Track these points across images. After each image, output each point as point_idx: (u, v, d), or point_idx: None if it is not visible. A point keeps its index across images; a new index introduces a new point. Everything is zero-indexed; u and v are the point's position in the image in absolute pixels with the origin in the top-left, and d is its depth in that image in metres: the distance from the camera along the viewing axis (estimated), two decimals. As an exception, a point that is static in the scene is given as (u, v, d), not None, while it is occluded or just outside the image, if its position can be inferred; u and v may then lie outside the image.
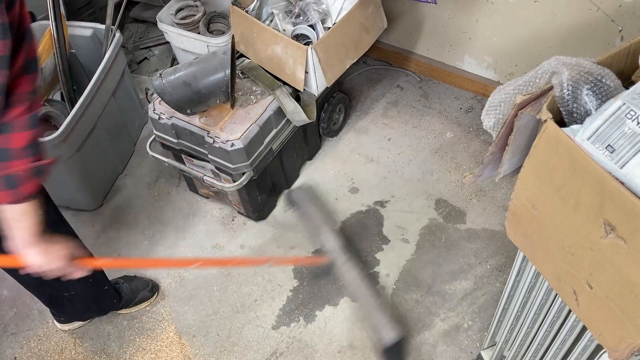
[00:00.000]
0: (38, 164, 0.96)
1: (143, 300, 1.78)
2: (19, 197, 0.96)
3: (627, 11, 1.63)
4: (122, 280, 1.77)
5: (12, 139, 0.93)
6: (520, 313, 1.20)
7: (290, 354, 1.65)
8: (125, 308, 1.77)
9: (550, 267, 0.91)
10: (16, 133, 0.93)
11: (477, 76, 2.19)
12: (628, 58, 0.84)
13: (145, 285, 1.79)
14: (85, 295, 1.59)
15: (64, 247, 1.05)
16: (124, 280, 1.77)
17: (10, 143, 0.93)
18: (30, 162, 0.95)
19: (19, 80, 0.93)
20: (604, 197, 0.71)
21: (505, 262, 1.76)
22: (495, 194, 1.94)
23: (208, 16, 2.15)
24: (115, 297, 1.69)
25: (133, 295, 1.76)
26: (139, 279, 1.81)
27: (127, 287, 1.75)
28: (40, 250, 1.01)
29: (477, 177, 1.00)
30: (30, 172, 0.95)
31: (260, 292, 1.79)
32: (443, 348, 1.62)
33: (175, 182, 2.12)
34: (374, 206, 1.96)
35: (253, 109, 1.71)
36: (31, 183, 0.96)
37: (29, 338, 1.76)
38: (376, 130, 2.18)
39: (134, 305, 1.77)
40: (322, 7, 1.74)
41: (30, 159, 0.95)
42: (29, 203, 0.97)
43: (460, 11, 2.01)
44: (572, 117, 0.79)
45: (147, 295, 1.78)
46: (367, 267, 1.81)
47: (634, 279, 0.73)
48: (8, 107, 0.92)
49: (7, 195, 0.95)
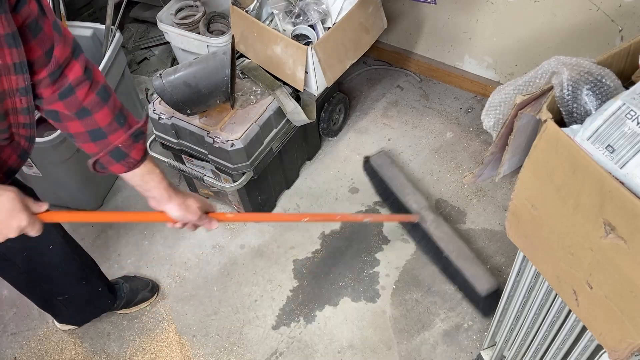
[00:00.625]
0: (132, 131, 1.02)
1: (143, 300, 1.78)
2: (133, 163, 1.04)
3: (627, 11, 1.63)
4: (122, 280, 1.77)
5: (96, 119, 0.98)
6: (520, 313, 1.20)
7: (290, 354, 1.65)
8: (125, 308, 1.76)
9: (550, 267, 0.91)
10: (96, 113, 0.98)
11: (477, 76, 2.19)
12: (628, 58, 0.84)
13: (145, 285, 1.79)
14: (79, 297, 1.58)
15: (197, 200, 1.12)
16: (124, 280, 1.77)
17: (97, 123, 0.99)
18: (125, 132, 1.01)
19: (70, 67, 0.95)
20: (604, 197, 0.71)
21: (505, 262, 1.76)
22: (495, 194, 1.94)
23: (208, 16, 2.15)
24: (110, 297, 1.68)
25: (133, 295, 1.76)
26: (139, 279, 1.81)
27: (127, 287, 1.75)
28: (178, 204, 1.08)
29: (477, 177, 1.00)
30: (130, 140, 1.01)
31: (260, 292, 1.79)
32: (443, 348, 1.62)
33: (175, 182, 2.12)
34: (374, 206, 1.96)
35: (253, 109, 1.71)
36: (136, 148, 1.03)
37: (29, 338, 1.76)
38: (376, 130, 2.19)
39: (134, 305, 1.77)
40: (322, 7, 1.74)
41: (124, 129, 1.01)
42: (147, 162, 1.05)
43: (460, 11, 2.01)
44: (572, 117, 0.79)
45: (147, 296, 1.78)
46: (366, 267, 1.81)
47: (634, 279, 0.73)
48: (73, 94, 0.96)
49: (121, 166, 1.03)
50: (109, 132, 1.00)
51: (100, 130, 0.99)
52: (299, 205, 2.00)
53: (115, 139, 1.00)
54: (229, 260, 1.88)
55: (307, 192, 2.03)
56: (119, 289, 1.73)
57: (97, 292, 1.62)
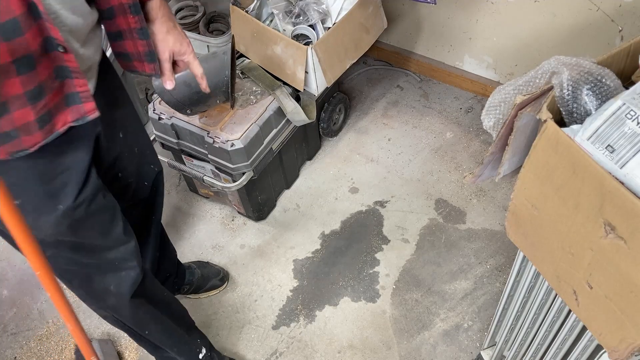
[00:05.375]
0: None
1: (213, 288, 1.78)
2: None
3: (627, 11, 1.63)
4: (194, 265, 1.77)
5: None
6: (520, 313, 1.20)
7: (290, 354, 1.65)
8: (195, 293, 1.77)
9: (550, 267, 0.91)
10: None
11: (477, 76, 2.19)
12: (628, 58, 0.84)
13: (216, 273, 1.79)
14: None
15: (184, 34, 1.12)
16: (196, 266, 1.78)
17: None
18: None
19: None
20: (604, 197, 0.71)
21: (505, 262, 1.76)
22: (495, 194, 1.94)
23: (208, 16, 2.15)
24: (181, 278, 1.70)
25: (204, 282, 1.76)
26: (211, 266, 1.82)
27: (198, 273, 1.75)
28: (177, 34, 1.08)
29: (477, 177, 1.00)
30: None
31: (260, 292, 1.79)
32: (443, 348, 1.62)
33: (175, 182, 2.12)
34: (374, 206, 1.96)
35: (253, 109, 1.71)
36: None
37: (29, 338, 1.76)
38: (376, 130, 2.19)
39: (204, 292, 1.78)
40: (322, 7, 1.74)
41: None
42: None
43: (460, 11, 2.01)
44: (572, 117, 0.79)
45: (217, 284, 1.78)
46: (366, 267, 1.81)
47: (634, 279, 0.73)
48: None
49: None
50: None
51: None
52: (298, 205, 2.00)
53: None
54: (229, 260, 1.88)
55: (307, 192, 2.03)
56: (190, 273, 1.73)
57: (166, 276, 1.63)
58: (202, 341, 1.54)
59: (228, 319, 1.75)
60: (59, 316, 1.80)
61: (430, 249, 1.83)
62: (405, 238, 1.86)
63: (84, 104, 0.90)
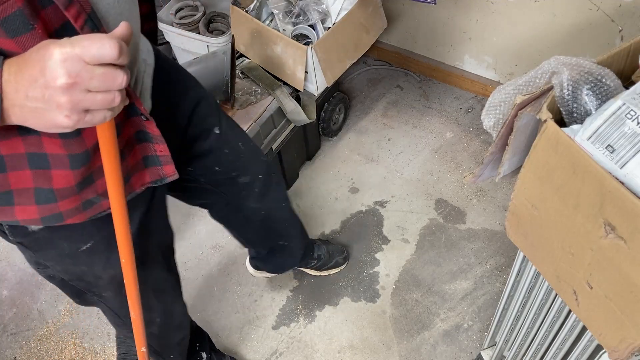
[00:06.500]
0: None
1: (336, 266, 1.78)
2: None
3: (627, 11, 1.63)
4: (320, 242, 1.78)
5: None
6: (520, 313, 1.20)
7: (290, 354, 1.65)
8: (318, 270, 1.77)
9: (550, 267, 0.91)
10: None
11: (477, 76, 2.19)
12: (628, 58, 0.84)
13: (340, 252, 1.79)
14: (290, 249, 1.60)
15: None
16: (322, 242, 1.78)
17: None
18: None
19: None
20: (604, 197, 0.71)
21: (505, 262, 1.76)
22: (495, 194, 1.94)
23: (208, 16, 2.15)
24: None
25: (330, 259, 1.76)
26: (334, 244, 1.82)
27: (325, 250, 1.75)
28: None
29: (477, 177, 1.00)
30: None
31: (260, 292, 1.79)
32: (443, 348, 1.62)
33: (175, 182, 2.12)
34: (373, 206, 1.96)
35: (253, 109, 1.71)
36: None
37: (28, 338, 1.76)
38: (376, 130, 2.18)
39: (327, 269, 1.78)
40: (322, 7, 1.74)
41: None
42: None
43: (460, 11, 2.01)
44: (572, 117, 0.79)
45: (340, 262, 1.78)
46: (366, 267, 1.81)
47: (634, 279, 0.73)
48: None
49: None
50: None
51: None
52: (298, 205, 1.99)
53: None
54: (229, 260, 1.88)
55: (307, 192, 2.03)
56: (317, 249, 1.73)
57: (299, 251, 1.63)
58: (201, 346, 1.54)
59: (228, 319, 1.75)
60: (58, 316, 1.80)
61: (430, 249, 1.83)
62: (405, 238, 1.86)
63: (163, 167, 0.88)
